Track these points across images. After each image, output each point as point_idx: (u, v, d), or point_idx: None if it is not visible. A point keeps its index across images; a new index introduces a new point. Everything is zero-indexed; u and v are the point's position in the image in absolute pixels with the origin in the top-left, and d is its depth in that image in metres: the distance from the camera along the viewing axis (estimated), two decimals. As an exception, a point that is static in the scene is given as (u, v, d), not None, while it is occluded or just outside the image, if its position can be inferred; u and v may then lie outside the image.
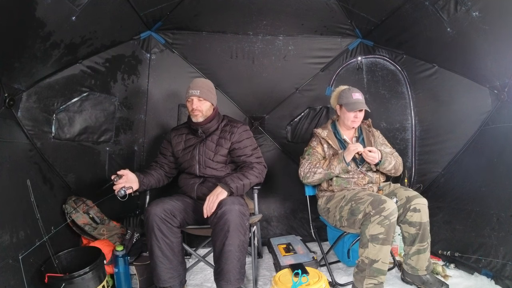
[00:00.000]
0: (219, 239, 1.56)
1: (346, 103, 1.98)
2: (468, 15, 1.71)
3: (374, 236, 1.59)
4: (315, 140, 2.11)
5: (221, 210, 1.56)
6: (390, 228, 1.58)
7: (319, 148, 2.07)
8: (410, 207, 1.72)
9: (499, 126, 1.90)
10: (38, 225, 1.57)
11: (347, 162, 1.89)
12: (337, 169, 1.90)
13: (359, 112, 1.96)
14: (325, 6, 2.26)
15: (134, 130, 2.47)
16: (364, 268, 1.62)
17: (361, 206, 1.68)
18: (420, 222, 1.71)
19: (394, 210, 1.59)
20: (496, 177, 1.87)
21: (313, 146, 2.08)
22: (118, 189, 1.67)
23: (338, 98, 2.07)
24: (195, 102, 1.85)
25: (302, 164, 2.03)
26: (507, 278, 1.70)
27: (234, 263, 1.57)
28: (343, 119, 2.05)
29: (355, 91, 2.00)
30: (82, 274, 1.52)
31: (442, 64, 2.20)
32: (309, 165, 1.99)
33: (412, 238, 1.75)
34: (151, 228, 1.61)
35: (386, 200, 1.62)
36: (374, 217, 1.60)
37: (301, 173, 2.01)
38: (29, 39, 1.48)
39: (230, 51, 2.58)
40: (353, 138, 2.09)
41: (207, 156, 1.90)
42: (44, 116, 1.79)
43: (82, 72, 2.00)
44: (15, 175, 1.55)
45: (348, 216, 1.76)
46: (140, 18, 2.20)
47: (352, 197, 1.78)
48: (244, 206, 1.65)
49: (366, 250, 1.62)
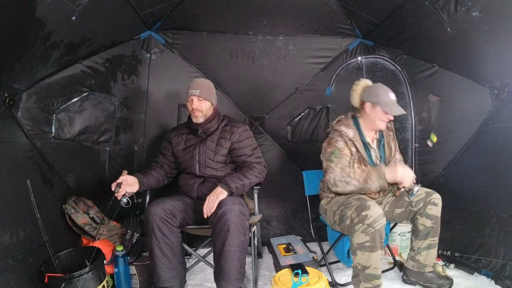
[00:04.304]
0: (219, 239, 1.56)
1: (383, 103, 1.77)
2: (468, 15, 1.71)
3: (361, 244, 1.58)
4: (341, 140, 1.83)
5: (221, 210, 1.56)
6: (375, 235, 1.55)
7: (346, 150, 1.81)
8: (430, 201, 1.73)
9: (499, 126, 1.90)
10: (38, 225, 1.57)
11: (387, 180, 1.67)
12: (374, 185, 1.69)
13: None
14: (325, 6, 2.26)
15: (134, 130, 2.47)
16: (358, 273, 1.64)
17: (348, 211, 1.66)
18: (437, 216, 1.73)
19: (378, 217, 1.54)
20: (496, 177, 1.86)
21: (340, 148, 1.80)
22: (121, 198, 1.68)
23: (369, 95, 1.83)
24: (195, 102, 1.85)
25: (333, 170, 1.76)
26: (507, 278, 1.70)
27: (234, 263, 1.56)
28: (373, 119, 1.83)
29: (390, 91, 1.81)
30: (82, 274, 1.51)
31: (442, 64, 2.20)
32: (341, 173, 1.74)
33: (426, 232, 1.74)
34: (151, 228, 1.61)
35: (370, 206, 1.57)
36: (358, 225, 1.58)
37: (330, 179, 1.77)
38: (29, 39, 1.48)
39: (230, 51, 2.58)
40: (374, 140, 1.92)
41: (207, 156, 1.89)
42: (44, 116, 1.79)
43: (82, 72, 2.00)
44: (15, 175, 1.55)
45: (338, 222, 1.76)
46: (140, 18, 2.20)
47: (344, 202, 1.75)
48: (244, 206, 1.65)
49: (356, 257, 1.62)
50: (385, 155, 1.94)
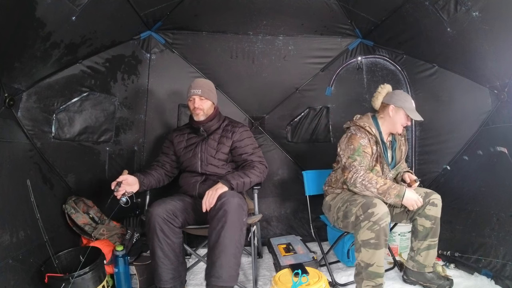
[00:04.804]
0: (215, 230, 1.50)
1: (408, 108, 1.83)
2: (468, 15, 1.71)
3: (365, 241, 1.59)
4: (365, 137, 1.81)
5: (220, 201, 1.55)
6: (380, 232, 1.55)
7: (369, 149, 1.80)
8: (429, 201, 1.74)
9: (499, 126, 1.90)
10: (38, 225, 1.57)
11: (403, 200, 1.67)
12: (390, 200, 1.68)
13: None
14: (325, 6, 2.26)
15: (134, 130, 2.47)
16: (361, 271, 1.64)
17: (353, 208, 1.67)
18: (436, 217, 1.74)
19: (384, 215, 1.56)
20: (496, 177, 1.87)
21: (364, 145, 1.78)
22: (120, 197, 1.68)
23: (394, 99, 1.86)
24: (196, 101, 1.90)
25: (357, 170, 1.72)
26: (507, 278, 1.71)
27: (228, 258, 1.46)
28: (394, 122, 1.86)
29: (411, 98, 1.89)
30: (82, 274, 1.51)
31: (442, 64, 2.20)
32: (364, 175, 1.70)
33: (425, 232, 1.75)
34: (153, 229, 1.60)
35: (376, 203, 1.59)
36: (364, 222, 1.58)
37: (352, 179, 1.72)
38: (29, 39, 1.48)
39: (230, 51, 2.59)
40: (388, 142, 1.95)
41: (209, 154, 1.92)
42: (44, 116, 1.79)
43: (82, 72, 2.00)
44: (15, 175, 1.55)
45: (342, 218, 1.76)
46: (140, 18, 2.20)
47: (349, 198, 1.76)
48: (243, 200, 1.64)
49: (360, 255, 1.62)
50: (396, 158, 1.98)
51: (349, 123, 1.95)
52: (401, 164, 2.00)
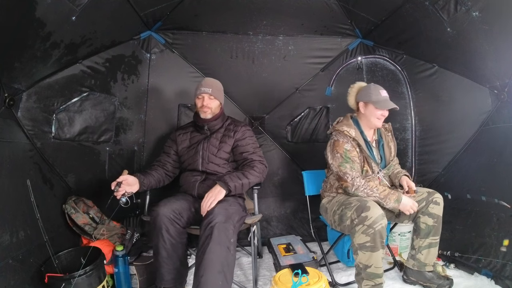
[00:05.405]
0: (202, 247, 1.46)
1: (376, 100, 1.84)
2: (468, 15, 1.71)
3: (361, 244, 1.59)
4: (346, 140, 1.83)
5: (207, 218, 1.51)
6: (375, 236, 1.55)
7: (354, 152, 1.82)
8: (432, 200, 1.76)
9: (499, 126, 1.90)
10: (38, 225, 1.57)
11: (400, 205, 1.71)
12: (389, 205, 1.72)
13: (386, 110, 1.86)
14: (325, 6, 2.26)
15: (134, 130, 2.47)
16: (360, 272, 1.65)
17: (348, 212, 1.67)
18: (438, 215, 1.76)
19: (378, 218, 1.55)
20: (496, 177, 1.87)
21: (349, 150, 1.81)
22: (120, 197, 1.68)
23: (361, 95, 1.90)
24: (206, 100, 1.92)
25: (352, 177, 1.76)
26: (507, 278, 1.71)
27: (213, 274, 1.39)
28: (368, 117, 1.88)
29: (382, 89, 1.88)
30: (82, 274, 1.51)
31: (442, 64, 2.20)
32: (365, 184, 1.74)
33: (428, 230, 1.76)
34: (159, 229, 1.60)
35: (370, 207, 1.58)
36: (358, 226, 1.59)
37: (351, 188, 1.75)
38: (29, 39, 1.48)
39: (230, 51, 2.59)
40: (373, 140, 1.96)
41: (210, 152, 1.93)
42: (44, 116, 1.79)
43: (82, 72, 2.00)
44: (15, 175, 1.55)
45: (338, 222, 1.77)
46: (140, 18, 2.20)
47: (344, 201, 1.76)
48: (234, 218, 1.59)
49: (358, 257, 1.63)
50: (385, 156, 1.96)
51: (331, 128, 1.97)
52: (392, 162, 1.98)
